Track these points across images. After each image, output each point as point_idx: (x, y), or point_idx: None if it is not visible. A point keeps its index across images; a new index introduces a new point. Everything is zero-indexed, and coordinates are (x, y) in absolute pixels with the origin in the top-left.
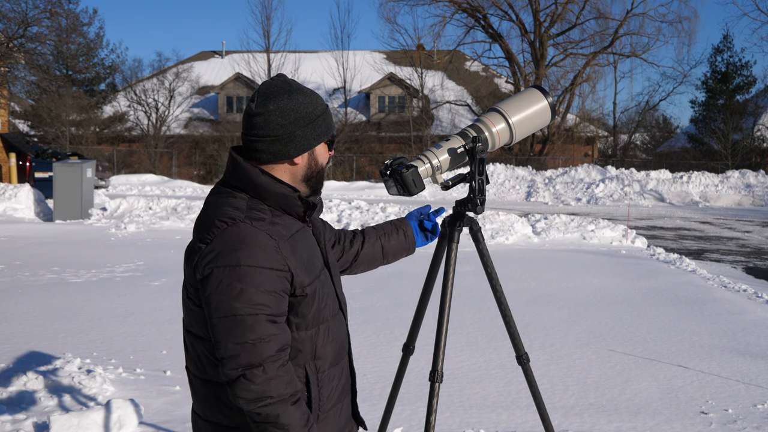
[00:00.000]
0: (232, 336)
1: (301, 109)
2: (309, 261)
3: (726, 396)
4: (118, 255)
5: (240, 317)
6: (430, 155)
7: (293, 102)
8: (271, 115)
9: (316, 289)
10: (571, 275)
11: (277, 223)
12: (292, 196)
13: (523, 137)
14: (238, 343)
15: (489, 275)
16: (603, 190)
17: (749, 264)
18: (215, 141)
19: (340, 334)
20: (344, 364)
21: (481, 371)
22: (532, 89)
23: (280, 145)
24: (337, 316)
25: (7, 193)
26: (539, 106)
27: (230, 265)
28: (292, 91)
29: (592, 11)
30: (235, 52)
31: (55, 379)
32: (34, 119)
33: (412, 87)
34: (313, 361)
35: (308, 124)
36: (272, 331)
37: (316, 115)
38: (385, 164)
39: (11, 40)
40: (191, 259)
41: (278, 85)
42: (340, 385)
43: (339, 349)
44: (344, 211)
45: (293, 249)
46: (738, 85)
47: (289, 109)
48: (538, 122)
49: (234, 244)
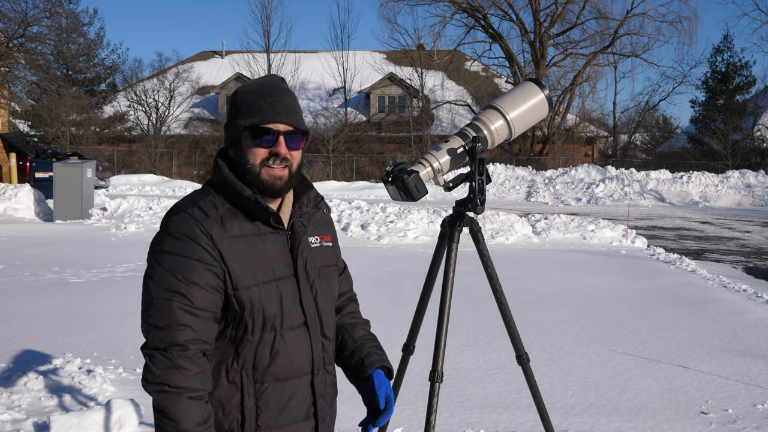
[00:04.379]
0: (147, 317)
1: (234, 98)
2: (259, 264)
3: (726, 396)
4: (118, 255)
5: (156, 300)
6: (431, 158)
7: (235, 92)
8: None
9: (261, 293)
10: (571, 275)
11: (233, 219)
12: (247, 198)
13: (522, 131)
14: (151, 325)
15: (489, 275)
16: (603, 190)
17: (749, 264)
18: (215, 141)
19: (298, 350)
20: (302, 383)
21: (481, 371)
22: (528, 83)
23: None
24: (298, 330)
25: (8, 193)
26: (536, 100)
27: (158, 251)
28: (245, 83)
29: (592, 11)
30: (235, 52)
31: (55, 379)
32: (34, 119)
33: (412, 87)
34: (251, 369)
35: (233, 113)
36: (186, 321)
37: (241, 104)
38: (386, 170)
39: (11, 40)
40: None
41: (261, 78)
42: (295, 406)
43: (291, 366)
44: (344, 211)
45: (235, 247)
46: (738, 85)
47: (237, 92)
48: (536, 115)
49: (170, 231)
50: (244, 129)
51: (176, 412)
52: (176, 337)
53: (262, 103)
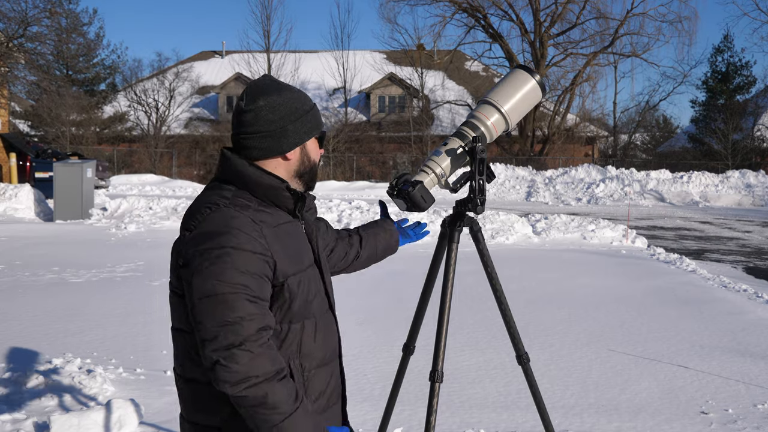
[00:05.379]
0: (212, 316)
1: (291, 104)
2: (295, 253)
3: (726, 396)
4: (118, 255)
5: (220, 296)
6: (433, 164)
7: (282, 98)
8: (261, 111)
9: (301, 281)
10: (571, 275)
11: (263, 211)
12: (280, 187)
13: (518, 119)
14: (219, 323)
15: (489, 275)
16: (603, 190)
17: (749, 264)
18: (215, 141)
19: (330, 334)
20: (334, 367)
21: (481, 371)
22: (518, 71)
23: (272, 141)
24: (326, 315)
25: (8, 193)
26: (528, 87)
27: (212, 248)
28: (280, 88)
29: (593, 11)
30: (235, 52)
31: (55, 379)
32: (34, 119)
33: (412, 87)
34: (298, 358)
35: (298, 119)
36: (253, 310)
37: (305, 111)
38: (391, 184)
39: (11, 40)
40: (176, 248)
41: (266, 82)
42: (330, 389)
43: (328, 350)
44: (344, 211)
45: (277, 237)
46: (738, 85)
47: (278, 105)
48: (530, 102)
49: (217, 227)
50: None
51: (275, 398)
52: (249, 329)
53: (317, 112)
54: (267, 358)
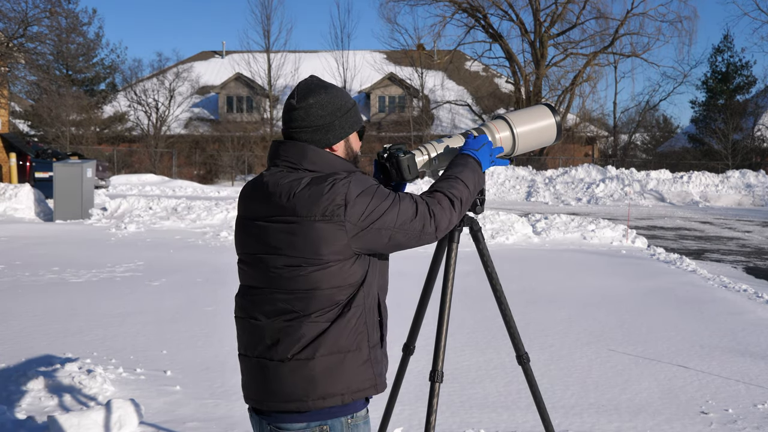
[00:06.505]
0: (404, 214)
1: (337, 102)
2: None
3: (726, 396)
4: (118, 255)
5: (396, 202)
6: (430, 147)
7: (329, 96)
8: (312, 108)
9: None
10: (571, 275)
11: None
12: (353, 169)
13: (524, 151)
14: (411, 214)
15: (489, 275)
16: (603, 190)
17: (749, 264)
18: (215, 141)
19: None
20: None
21: (481, 371)
22: (542, 106)
23: (321, 134)
24: None
25: (8, 193)
26: (546, 123)
27: (365, 191)
28: (327, 87)
29: (593, 11)
30: (235, 52)
31: (55, 379)
32: (34, 119)
33: (412, 87)
34: (380, 291)
35: (343, 115)
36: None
37: (349, 107)
38: (384, 147)
39: (11, 40)
40: (300, 196)
41: (315, 82)
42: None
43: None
44: None
45: None
46: (738, 85)
47: (326, 102)
48: (543, 138)
49: (366, 180)
50: (356, 130)
51: (462, 195)
52: (426, 206)
53: (358, 109)
54: (441, 199)
